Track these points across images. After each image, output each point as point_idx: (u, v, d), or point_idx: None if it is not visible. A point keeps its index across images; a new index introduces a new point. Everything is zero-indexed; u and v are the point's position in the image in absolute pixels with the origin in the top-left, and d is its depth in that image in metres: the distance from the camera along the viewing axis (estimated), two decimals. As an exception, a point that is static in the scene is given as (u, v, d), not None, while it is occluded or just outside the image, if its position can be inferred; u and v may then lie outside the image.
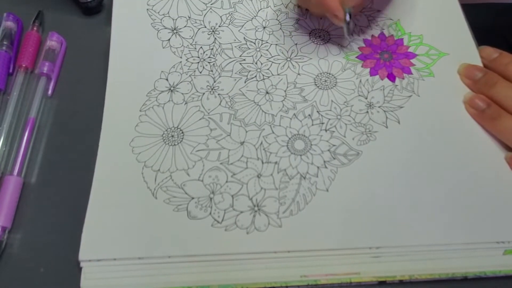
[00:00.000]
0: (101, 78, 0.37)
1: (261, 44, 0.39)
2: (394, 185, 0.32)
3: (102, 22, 0.42)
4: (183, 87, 0.37)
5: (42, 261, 0.31)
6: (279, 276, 0.30)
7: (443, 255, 0.31)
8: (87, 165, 0.33)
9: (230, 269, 0.30)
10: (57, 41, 0.39)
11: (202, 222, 0.31)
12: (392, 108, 0.36)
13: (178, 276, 0.30)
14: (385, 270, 0.30)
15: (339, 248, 0.30)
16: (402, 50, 0.39)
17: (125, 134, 0.34)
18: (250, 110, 0.36)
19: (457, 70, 0.38)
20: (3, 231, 0.31)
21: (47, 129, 0.36)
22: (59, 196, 0.33)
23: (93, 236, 0.30)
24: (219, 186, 0.32)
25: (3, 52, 0.38)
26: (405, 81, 0.37)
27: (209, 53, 0.39)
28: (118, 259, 0.30)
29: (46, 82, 0.38)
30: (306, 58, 0.38)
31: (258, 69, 0.38)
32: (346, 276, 0.30)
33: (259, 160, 0.33)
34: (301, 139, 0.34)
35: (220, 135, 0.34)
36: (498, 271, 0.30)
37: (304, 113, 0.36)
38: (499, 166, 0.34)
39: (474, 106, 0.35)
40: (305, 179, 0.33)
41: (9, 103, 0.36)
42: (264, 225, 0.31)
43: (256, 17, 0.41)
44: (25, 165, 0.34)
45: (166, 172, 0.33)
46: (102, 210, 0.31)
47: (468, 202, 0.32)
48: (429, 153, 0.34)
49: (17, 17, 0.40)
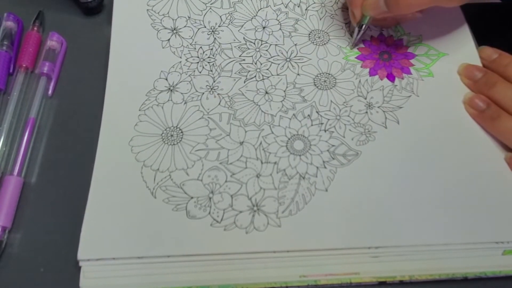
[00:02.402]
0: (101, 78, 0.37)
1: (260, 44, 0.39)
2: (393, 185, 0.32)
3: (102, 22, 0.42)
4: (182, 87, 0.37)
5: (42, 261, 0.31)
6: (278, 276, 0.30)
7: (443, 255, 0.31)
8: (87, 165, 0.33)
9: (229, 269, 0.30)
10: (57, 41, 0.39)
11: (201, 222, 0.31)
12: (391, 108, 0.36)
13: (177, 275, 0.30)
14: (385, 270, 0.30)
15: (338, 248, 0.30)
16: (402, 50, 0.39)
17: (125, 133, 0.34)
18: (249, 110, 0.36)
19: (457, 70, 0.38)
20: (3, 231, 0.31)
21: (47, 129, 0.36)
22: (59, 196, 0.33)
23: (92, 236, 0.30)
24: (218, 185, 0.32)
25: (3, 52, 0.38)
26: (405, 81, 0.37)
27: (209, 53, 0.39)
28: (117, 258, 0.30)
29: (46, 82, 0.38)
30: (305, 58, 0.38)
31: (258, 69, 0.38)
32: (345, 276, 0.30)
33: (259, 160, 0.33)
34: (300, 139, 0.34)
35: (219, 135, 0.34)
36: (498, 272, 0.30)
37: (303, 113, 0.36)
38: (499, 166, 0.34)
39: (473, 106, 0.35)
40: (304, 179, 0.33)
41: (9, 103, 0.36)
42: (263, 225, 0.31)
43: (256, 17, 0.41)
44: (25, 165, 0.34)
45: (165, 171, 0.33)
46: (101, 209, 0.31)
47: (468, 202, 0.32)
48: (428, 153, 0.34)
49: (17, 17, 0.40)
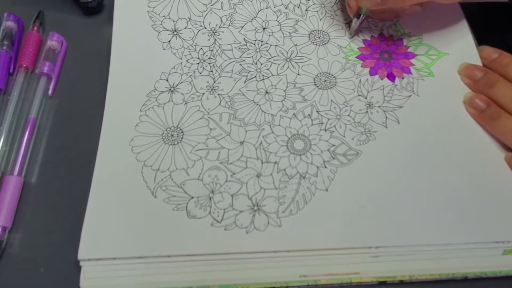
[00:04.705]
0: (101, 78, 0.37)
1: (261, 45, 0.39)
2: (394, 185, 0.32)
3: (103, 22, 0.42)
4: (183, 88, 0.37)
5: (42, 261, 0.31)
6: (278, 275, 0.30)
7: (443, 255, 0.31)
8: (87, 165, 0.33)
9: (229, 269, 0.30)
10: (57, 41, 0.39)
11: (202, 222, 0.31)
12: (391, 108, 0.36)
13: (177, 275, 0.30)
14: (385, 270, 0.30)
15: (339, 247, 0.30)
16: (402, 50, 0.39)
17: (125, 133, 0.34)
18: (249, 110, 0.36)
19: (457, 70, 0.38)
20: (3, 231, 0.31)
21: (47, 129, 0.36)
22: (59, 196, 0.33)
23: (92, 235, 0.30)
24: (218, 185, 0.32)
25: (3, 52, 0.38)
26: (405, 81, 0.37)
27: (209, 54, 0.39)
28: (117, 258, 0.30)
29: (47, 82, 0.38)
30: (305, 58, 0.38)
31: (258, 69, 0.38)
32: (345, 276, 0.30)
33: (259, 159, 0.33)
34: (300, 139, 0.34)
35: (219, 134, 0.34)
36: (498, 272, 0.30)
37: (303, 113, 0.36)
38: (499, 166, 0.34)
39: (474, 106, 0.35)
40: (304, 178, 0.33)
41: (10, 103, 0.36)
42: (264, 225, 0.31)
43: (256, 18, 0.41)
44: (25, 165, 0.34)
45: (165, 171, 0.33)
46: (101, 209, 0.31)
47: (468, 202, 0.32)
48: (428, 153, 0.34)
49: (17, 17, 0.40)
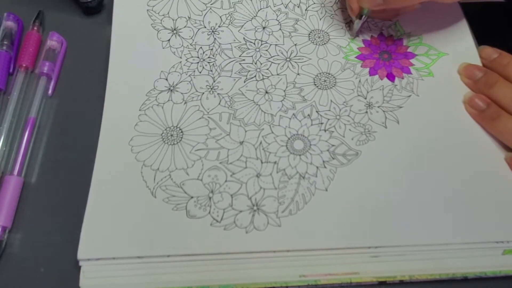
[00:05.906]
0: (101, 78, 0.37)
1: (260, 44, 0.39)
2: (393, 185, 0.32)
3: (102, 22, 0.42)
4: (182, 87, 0.37)
5: (42, 261, 0.31)
6: (278, 275, 0.30)
7: (443, 255, 0.31)
8: (87, 164, 0.33)
9: (229, 269, 0.30)
10: (57, 41, 0.39)
11: (201, 221, 0.31)
12: (391, 108, 0.36)
13: (177, 275, 0.30)
14: (384, 270, 0.30)
15: (338, 247, 0.30)
16: (402, 50, 0.39)
17: (125, 133, 0.34)
18: (249, 109, 0.36)
19: (457, 70, 0.38)
20: (3, 231, 0.31)
21: (47, 129, 0.36)
22: (59, 196, 0.33)
23: (92, 235, 0.30)
24: (218, 185, 0.32)
25: (3, 52, 0.38)
26: (405, 81, 0.37)
27: (209, 53, 0.39)
28: (117, 258, 0.30)
29: (47, 82, 0.38)
30: (305, 58, 0.38)
31: (258, 69, 0.38)
32: (345, 276, 0.30)
33: (258, 159, 0.33)
34: (300, 139, 0.34)
35: (219, 134, 0.34)
36: (498, 272, 0.30)
37: (303, 113, 0.36)
38: (499, 166, 0.34)
39: (473, 106, 0.35)
40: (304, 179, 0.33)
41: (9, 103, 0.36)
42: (263, 225, 0.31)
43: (256, 18, 0.41)
44: (25, 165, 0.34)
45: (165, 171, 0.33)
46: (101, 209, 0.31)
47: (468, 202, 0.32)
48: (428, 153, 0.34)
49: (17, 17, 0.40)
